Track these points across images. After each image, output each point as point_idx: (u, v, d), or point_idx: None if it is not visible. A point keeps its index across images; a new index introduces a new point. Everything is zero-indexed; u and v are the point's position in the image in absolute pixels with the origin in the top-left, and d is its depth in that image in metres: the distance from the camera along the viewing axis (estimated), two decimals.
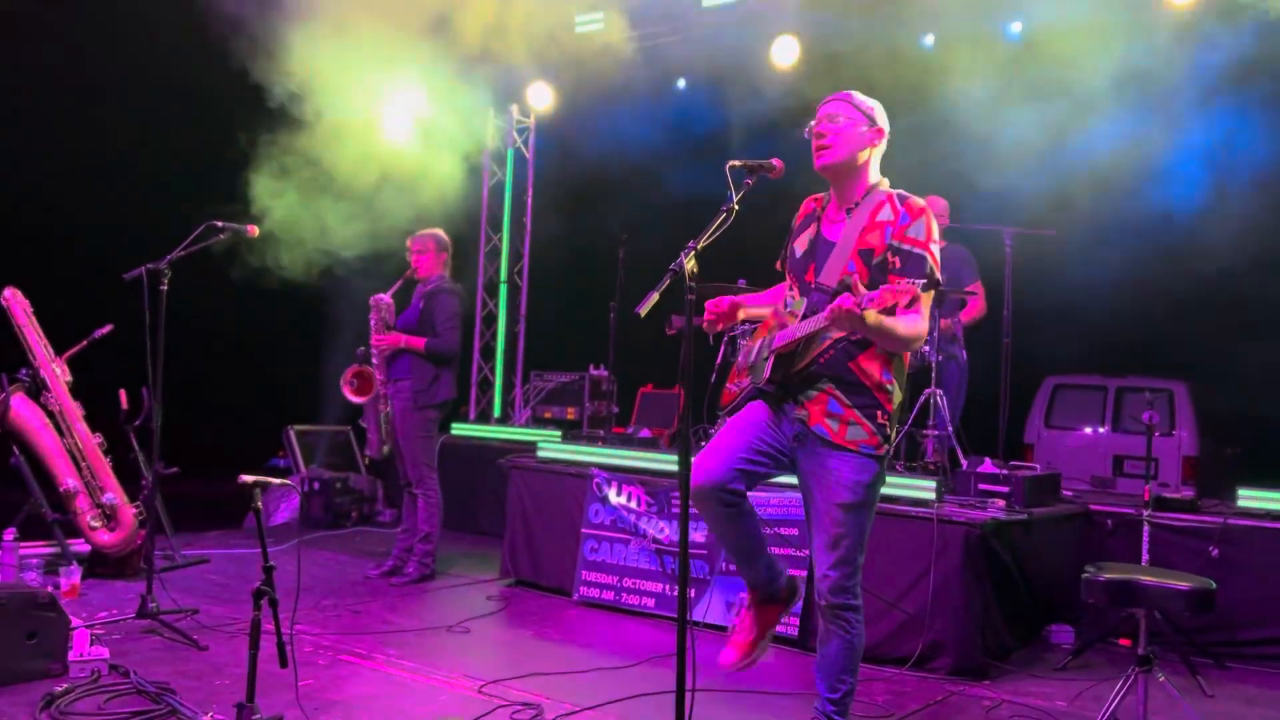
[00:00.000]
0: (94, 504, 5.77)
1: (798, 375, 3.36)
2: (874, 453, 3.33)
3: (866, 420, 3.31)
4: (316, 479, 8.27)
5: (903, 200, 3.36)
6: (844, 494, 3.30)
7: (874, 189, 3.42)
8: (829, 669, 3.43)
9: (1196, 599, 3.59)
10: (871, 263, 3.29)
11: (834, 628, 3.39)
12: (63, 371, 5.87)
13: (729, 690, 4.36)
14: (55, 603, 4.15)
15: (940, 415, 5.94)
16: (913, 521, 4.91)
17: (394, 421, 6.16)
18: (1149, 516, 5.19)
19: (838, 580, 3.34)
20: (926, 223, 3.30)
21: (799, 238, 3.56)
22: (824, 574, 3.35)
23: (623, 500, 5.74)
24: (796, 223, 3.65)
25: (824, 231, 3.48)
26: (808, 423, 3.35)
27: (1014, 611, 5.08)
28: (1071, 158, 7.51)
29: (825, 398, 3.33)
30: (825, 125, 3.39)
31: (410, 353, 6.08)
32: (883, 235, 3.30)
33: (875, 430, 3.32)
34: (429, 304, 6.17)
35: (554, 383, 8.51)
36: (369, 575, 6.25)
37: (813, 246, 3.48)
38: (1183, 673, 4.72)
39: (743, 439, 3.41)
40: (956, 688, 4.57)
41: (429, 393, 6.14)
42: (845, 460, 3.31)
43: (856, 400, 3.31)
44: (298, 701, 3.82)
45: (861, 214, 3.37)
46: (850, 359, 3.31)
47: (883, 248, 3.29)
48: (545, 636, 5.22)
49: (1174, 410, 9.43)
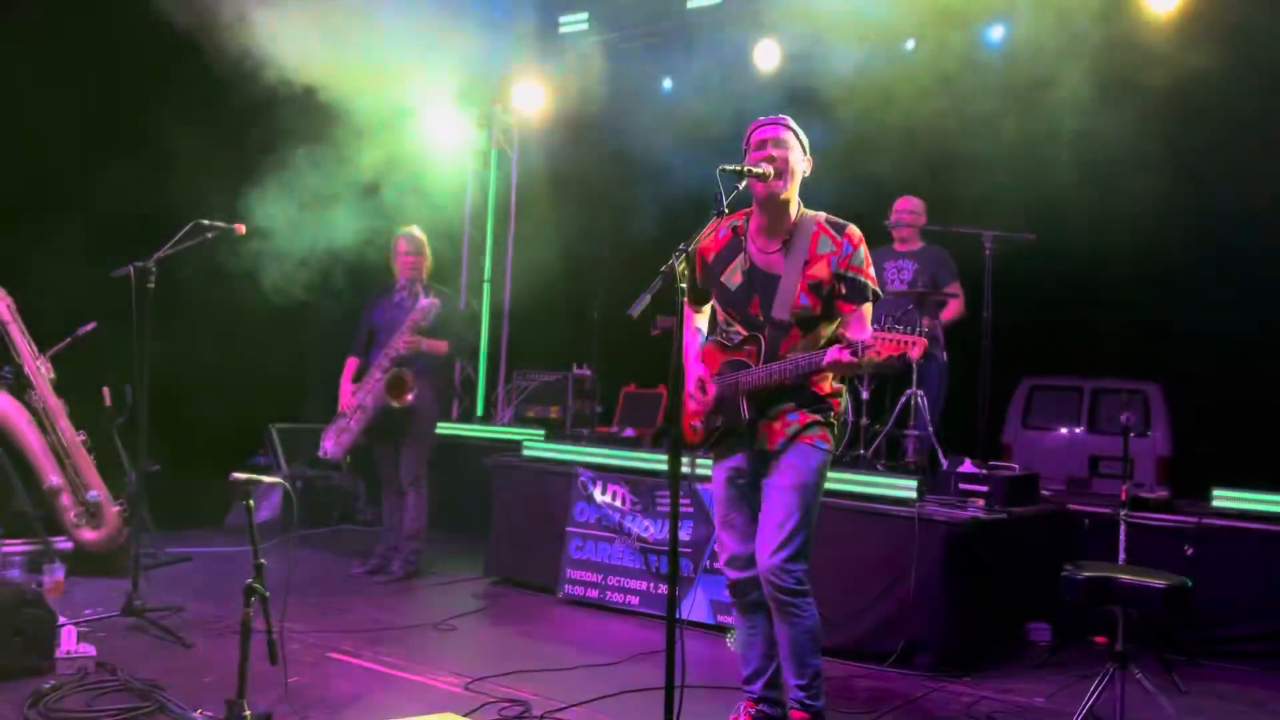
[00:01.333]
0: (78, 501, 5.76)
1: (763, 402, 3.56)
2: (825, 447, 3.56)
3: (820, 418, 3.55)
4: (298, 477, 8.26)
5: (840, 229, 3.53)
6: (790, 476, 3.49)
7: (801, 217, 3.57)
8: (790, 657, 3.54)
9: (1173, 597, 3.67)
10: (821, 293, 3.50)
11: (783, 617, 3.49)
12: (46, 369, 5.85)
13: (714, 686, 4.41)
14: (42, 599, 4.16)
15: (921, 416, 6.02)
16: (894, 520, 4.98)
17: (406, 421, 6.12)
18: (1126, 516, 5.28)
19: (782, 562, 3.43)
20: (865, 250, 3.53)
21: (728, 271, 3.64)
22: (768, 558, 3.46)
23: (607, 499, 5.79)
24: (712, 249, 3.68)
25: (758, 263, 3.59)
26: (768, 446, 3.56)
27: (993, 609, 5.16)
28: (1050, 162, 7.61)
29: (784, 412, 3.56)
30: (773, 149, 3.48)
31: (430, 356, 6.10)
32: (828, 265, 3.49)
33: (825, 427, 3.57)
34: (444, 307, 6.23)
35: (537, 381, 8.53)
36: (354, 573, 6.27)
37: (749, 279, 3.59)
38: (1158, 670, 4.80)
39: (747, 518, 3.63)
40: (937, 684, 4.65)
41: (444, 393, 6.21)
42: (797, 451, 3.52)
43: (814, 408, 3.56)
44: (286, 698, 3.84)
45: (800, 246, 3.52)
46: (806, 379, 3.53)
47: (830, 278, 3.48)
48: (531, 634, 5.25)
49: (1149, 411, 9.56)
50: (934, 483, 5.51)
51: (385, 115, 8.16)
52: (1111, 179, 7.85)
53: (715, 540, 3.77)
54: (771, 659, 3.71)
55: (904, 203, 6.79)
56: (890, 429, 6.14)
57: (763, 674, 3.72)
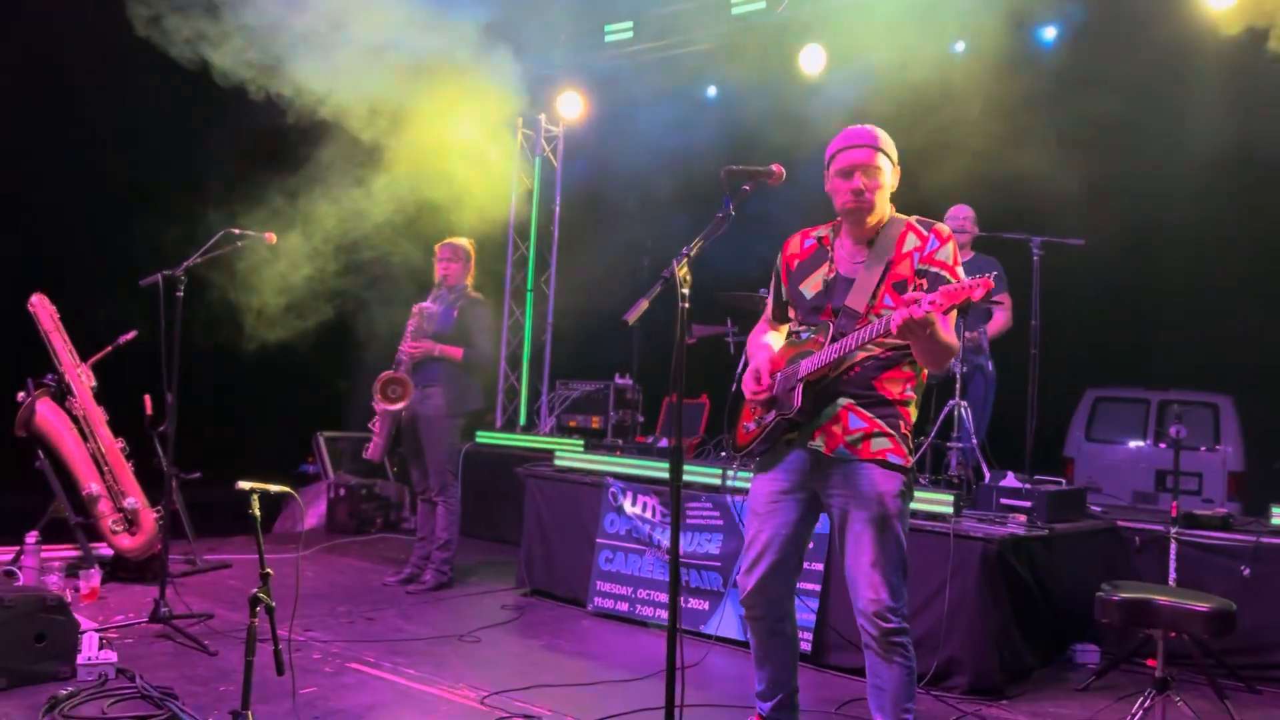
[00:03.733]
0: (115, 508, 5.83)
1: (820, 396, 3.31)
2: (901, 463, 3.28)
3: (891, 430, 3.29)
4: (342, 484, 8.32)
5: (929, 226, 3.36)
6: (872, 508, 3.24)
7: (890, 220, 3.39)
8: (893, 701, 3.29)
9: (1215, 620, 3.46)
10: (905, 292, 3.24)
11: (893, 658, 3.27)
12: (87, 377, 5.95)
13: (736, 706, 4.29)
14: (64, 605, 4.19)
15: (965, 427, 5.82)
16: (929, 536, 4.79)
17: (415, 428, 6.14)
18: (1176, 534, 5.03)
19: (886, 604, 3.22)
20: (953, 248, 3.32)
21: (808, 280, 3.47)
22: (870, 599, 3.24)
23: (637, 510, 5.69)
24: (791, 262, 3.55)
25: (842, 270, 3.41)
26: (825, 450, 3.31)
27: (1035, 630, 4.94)
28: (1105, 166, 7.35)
29: (845, 414, 3.30)
30: (862, 180, 3.30)
31: (444, 361, 6.08)
32: (912, 263, 3.29)
33: (900, 440, 3.29)
34: (465, 314, 6.16)
35: (579, 391, 8.48)
36: (386, 583, 6.25)
37: (829, 287, 3.41)
38: (1210, 696, 4.54)
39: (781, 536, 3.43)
40: (972, 708, 4.46)
41: (462, 401, 6.16)
42: (871, 473, 3.27)
43: (879, 412, 3.29)
44: (295, 711, 3.81)
45: (885, 246, 3.33)
46: (874, 377, 3.30)
47: (913, 274, 3.28)
48: (557, 647, 5.17)
49: (1219, 424, 9.19)
50: (975, 498, 5.32)
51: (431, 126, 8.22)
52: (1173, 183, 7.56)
53: (743, 552, 3.56)
54: (782, 686, 3.58)
55: (956, 211, 6.58)
56: (933, 440, 5.95)
57: (772, 698, 3.60)
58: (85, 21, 6.03)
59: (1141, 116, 7.07)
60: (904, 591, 3.27)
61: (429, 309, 6.14)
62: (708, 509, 5.44)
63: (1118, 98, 7.04)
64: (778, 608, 3.47)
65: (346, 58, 7.17)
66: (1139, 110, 7.05)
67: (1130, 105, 7.11)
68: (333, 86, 7.14)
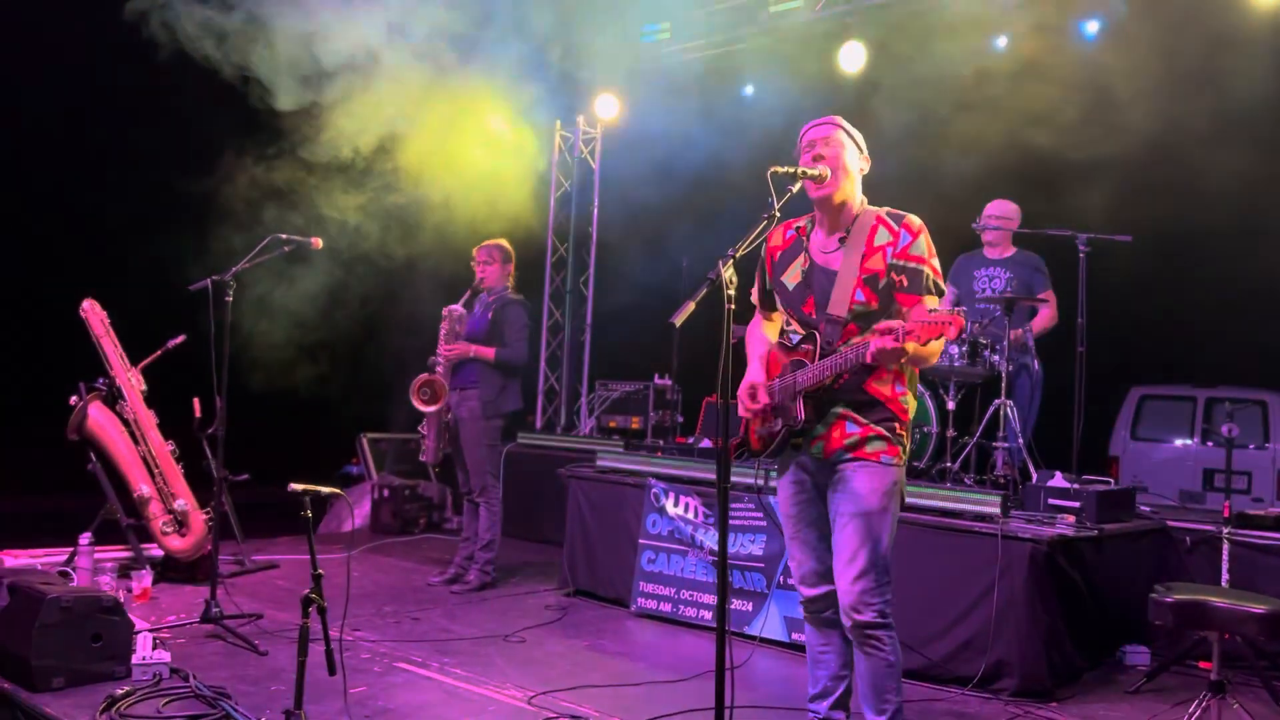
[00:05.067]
0: (166, 510, 5.93)
1: (820, 403, 3.41)
2: (893, 462, 3.37)
3: (885, 431, 3.38)
4: (386, 485, 8.39)
5: (898, 220, 3.40)
6: (857, 503, 3.34)
7: (862, 212, 3.46)
8: (872, 690, 3.38)
9: (1271, 623, 3.41)
10: (879, 287, 3.35)
11: (865, 648, 3.36)
12: (138, 380, 6.05)
13: (783, 708, 4.28)
14: (119, 606, 4.27)
15: (1010, 427, 5.76)
16: (976, 538, 4.75)
17: (458, 430, 6.19)
18: (1229, 534, 4.95)
19: (860, 595, 3.31)
20: (926, 240, 3.38)
21: (788, 271, 3.56)
22: (845, 589, 3.34)
23: (679, 511, 5.69)
24: (774, 254, 3.64)
25: (818, 262, 3.49)
26: (824, 455, 3.41)
27: (1084, 631, 4.88)
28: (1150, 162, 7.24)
29: (842, 421, 3.40)
30: (821, 148, 3.39)
31: (479, 362, 6.11)
32: (884, 258, 3.36)
33: (894, 440, 3.39)
34: (499, 314, 6.19)
35: (619, 392, 8.49)
36: (430, 583, 6.30)
37: (808, 278, 3.49)
38: (1264, 699, 4.48)
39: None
40: (1021, 710, 4.42)
41: (497, 402, 6.18)
42: (863, 470, 3.36)
43: (873, 416, 3.39)
44: (346, 709, 3.85)
45: (857, 241, 3.40)
46: (864, 381, 3.38)
47: (886, 270, 3.35)
48: (601, 648, 5.19)
49: (1268, 421, 9.04)
50: (1022, 498, 5.27)
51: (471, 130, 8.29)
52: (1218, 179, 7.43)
53: (788, 555, 3.61)
54: (841, 680, 3.58)
55: (995, 207, 6.49)
56: (978, 440, 5.90)
57: (830, 695, 3.59)
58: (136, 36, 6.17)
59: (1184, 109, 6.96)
60: (885, 586, 3.34)
61: (457, 310, 6.19)
62: (750, 510, 5.43)
63: (1161, 91, 6.93)
64: (837, 600, 3.47)
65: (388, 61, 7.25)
66: (1182, 104, 6.94)
67: (1173, 99, 7.00)
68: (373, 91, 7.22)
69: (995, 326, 5.87)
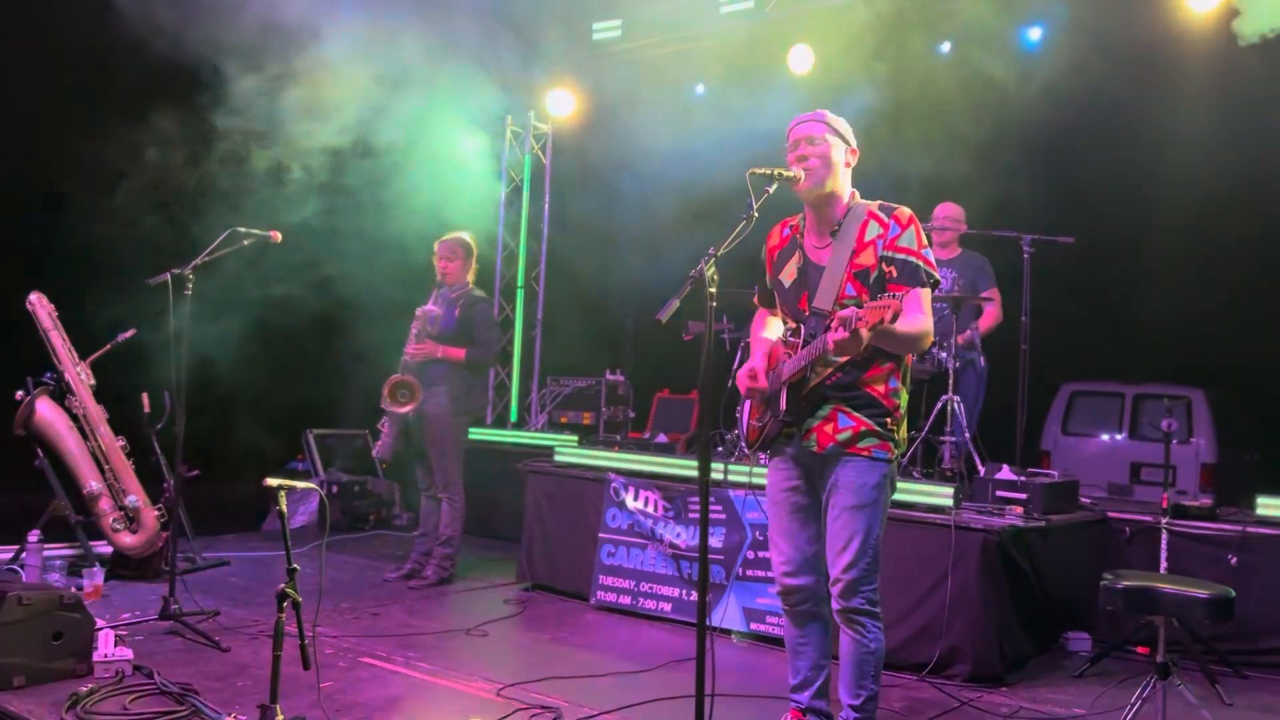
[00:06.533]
0: (117, 506, 5.83)
1: (808, 399, 3.47)
2: (885, 457, 3.44)
3: (876, 427, 3.43)
4: (335, 482, 8.33)
5: (889, 212, 3.45)
6: (850, 496, 3.41)
7: (853, 207, 3.51)
8: (848, 674, 3.48)
9: (1216, 607, 3.59)
10: (869, 281, 3.40)
11: (850, 630, 3.45)
12: (86, 375, 5.93)
13: (747, 695, 4.38)
14: (80, 604, 4.21)
15: (958, 422, 5.94)
16: (930, 528, 4.91)
17: (422, 426, 6.16)
18: (1167, 524, 5.18)
19: (849, 583, 3.40)
20: (916, 231, 3.42)
21: (785, 269, 3.63)
22: (836, 577, 3.44)
23: (639, 505, 5.76)
24: (773, 253, 3.71)
25: (811, 258, 3.55)
26: (817, 449, 3.47)
27: (1031, 618, 5.07)
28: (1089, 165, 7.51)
29: (835, 414, 3.45)
30: (806, 148, 3.43)
31: (448, 362, 6.11)
32: (875, 251, 3.40)
33: (885, 436, 3.44)
34: (467, 313, 6.17)
35: (570, 387, 8.54)
36: (387, 578, 6.29)
37: (802, 275, 3.56)
38: (1201, 681, 4.71)
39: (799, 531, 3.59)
40: (973, 695, 4.57)
41: (466, 399, 6.20)
42: (854, 465, 3.43)
43: (866, 412, 3.44)
44: (319, 703, 3.85)
45: (848, 235, 3.45)
46: (857, 378, 3.44)
47: (876, 263, 3.39)
48: (563, 640, 5.24)
49: (1192, 417, 9.39)
50: (971, 490, 5.45)
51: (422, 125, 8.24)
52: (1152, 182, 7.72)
53: (770, 545, 3.69)
54: (821, 670, 3.66)
55: (944, 210, 6.71)
56: (926, 435, 6.07)
57: (811, 684, 3.66)
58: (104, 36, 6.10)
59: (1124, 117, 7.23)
60: (873, 575, 3.43)
61: (432, 311, 6.14)
62: (710, 503, 5.51)
63: (1102, 98, 7.19)
64: (815, 593, 3.58)
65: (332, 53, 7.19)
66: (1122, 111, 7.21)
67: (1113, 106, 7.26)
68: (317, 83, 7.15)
69: (943, 325, 6.05)
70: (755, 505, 5.30)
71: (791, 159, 3.45)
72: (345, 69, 7.00)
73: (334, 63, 6.99)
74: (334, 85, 7.01)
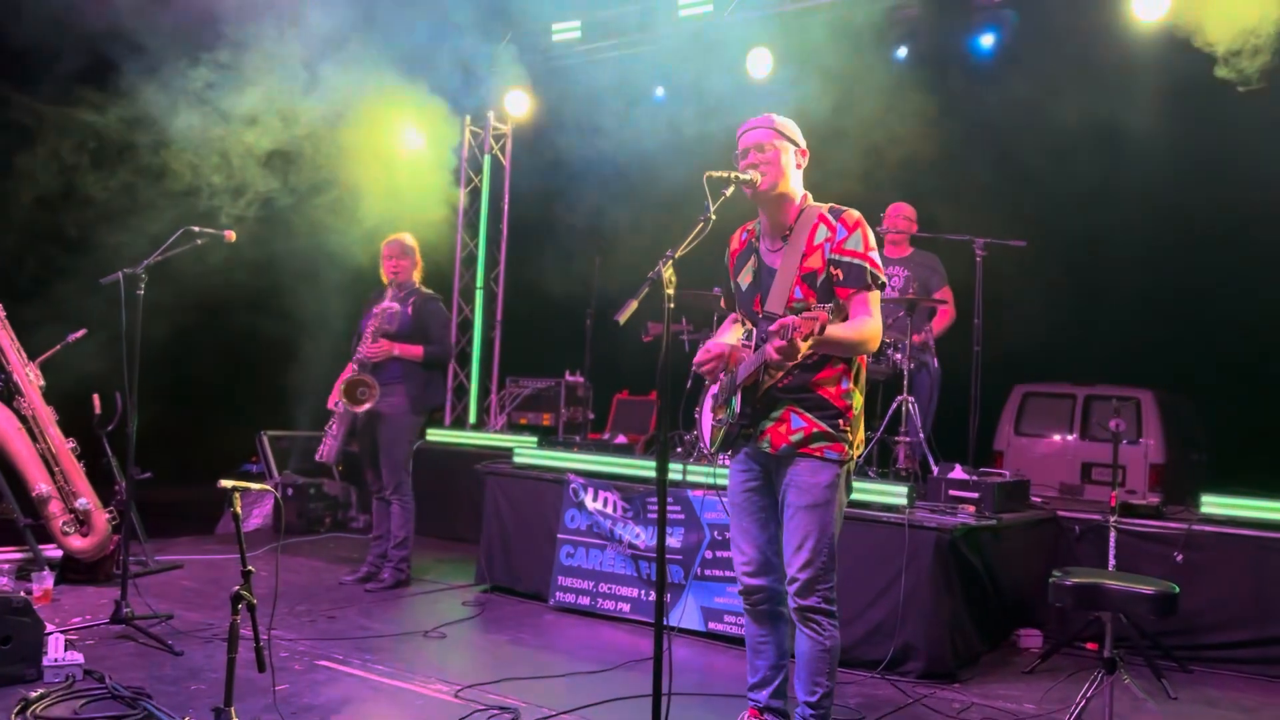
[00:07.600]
0: (67, 509, 5.74)
1: (762, 401, 3.51)
2: (837, 458, 3.47)
3: (829, 428, 3.47)
4: (290, 484, 8.25)
5: (837, 215, 3.49)
6: (805, 496, 3.45)
7: (805, 210, 3.54)
8: (803, 671, 3.51)
9: (1160, 602, 3.67)
10: (817, 284, 3.44)
11: (805, 629, 3.49)
12: (36, 376, 5.84)
13: (704, 694, 4.41)
14: (29, 607, 4.14)
15: (912, 423, 6.02)
16: (884, 527, 4.98)
17: (376, 426, 6.11)
18: (1115, 522, 5.28)
19: (805, 581, 3.44)
20: (863, 233, 3.45)
21: (742, 272, 3.69)
22: (792, 576, 3.47)
23: (599, 506, 5.78)
24: (733, 258, 3.76)
25: (765, 261, 3.60)
26: (771, 449, 3.51)
27: (983, 616, 5.16)
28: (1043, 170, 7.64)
29: (788, 415, 3.49)
30: (755, 156, 3.48)
31: (404, 360, 6.08)
32: (823, 255, 3.44)
33: (837, 437, 3.47)
34: (420, 311, 6.16)
35: (530, 389, 8.53)
36: (343, 581, 6.24)
37: (757, 278, 3.61)
38: (1147, 676, 4.81)
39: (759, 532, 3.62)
40: (927, 690, 4.64)
41: (425, 397, 6.18)
42: (807, 465, 3.47)
43: (818, 413, 3.47)
44: (275, 706, 3.83)
45: (799, 239, 3.49)
46: (808, 380, 3.47)
47: (824, 267, 3.43)
48: (522, 641, 5.24)
49: (1141, 418, 9.58)
50: (925, 489, 5.52)
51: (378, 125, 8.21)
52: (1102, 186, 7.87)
53: (732, 546, 3.72)
54: (780, 669, 3.69)
55: (895, 209, 6.80)
56: (881, 435, 6.14)
57: (769, 684, 3.69)
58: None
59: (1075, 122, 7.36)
60: (829, 573, 3.46)
61: (391, 309, 6.10)
62: (669, 503, 5.53)
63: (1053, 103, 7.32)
64: (776, 593, 3.61)
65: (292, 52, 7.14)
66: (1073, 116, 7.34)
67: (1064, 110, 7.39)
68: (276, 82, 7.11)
69: (897, 327, 6.13)
70: (713, 505, 5.34)
71: (743, 166, 3.48)
72: (295, 67, 6.94)
73: (285, 58, 6.93)
74: (286, 81, 6.96)
